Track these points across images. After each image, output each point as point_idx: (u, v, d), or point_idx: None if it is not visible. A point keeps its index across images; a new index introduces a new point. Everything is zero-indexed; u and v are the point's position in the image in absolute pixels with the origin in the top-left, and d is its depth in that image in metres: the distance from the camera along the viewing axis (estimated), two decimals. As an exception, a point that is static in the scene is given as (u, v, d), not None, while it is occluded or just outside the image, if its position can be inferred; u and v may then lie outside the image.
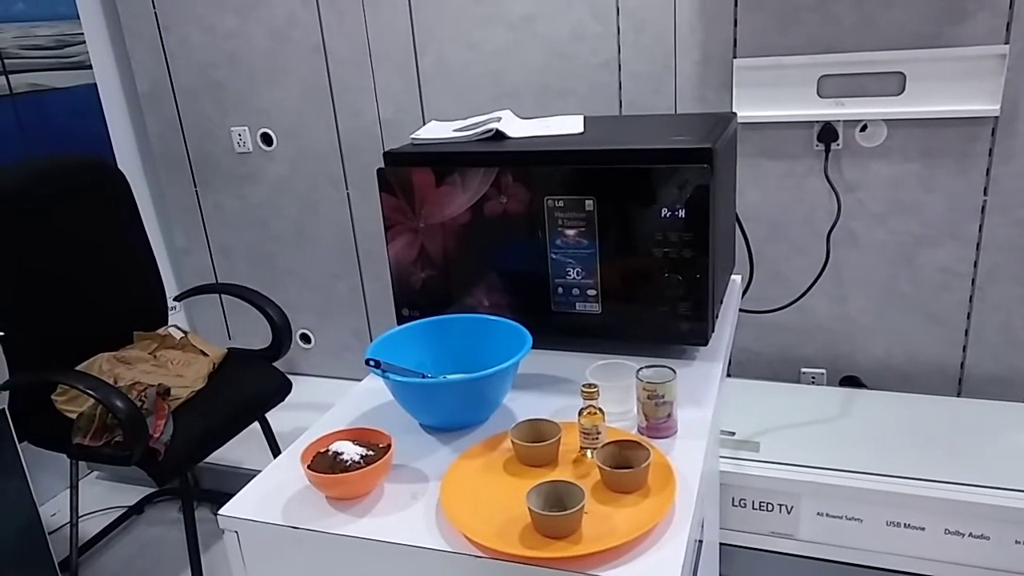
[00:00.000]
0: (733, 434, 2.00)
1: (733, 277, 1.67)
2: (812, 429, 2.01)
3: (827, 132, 2.08)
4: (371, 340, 2.86)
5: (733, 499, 1.91)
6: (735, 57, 2.11)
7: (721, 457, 1.92)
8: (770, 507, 1.89)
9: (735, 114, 1.52)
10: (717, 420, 1.70)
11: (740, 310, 1.71)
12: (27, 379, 1.92)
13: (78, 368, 1.97)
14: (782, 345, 2.35)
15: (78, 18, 2.58)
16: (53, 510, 2.46)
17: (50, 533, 1.96)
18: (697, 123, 1.48)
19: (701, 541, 1.48)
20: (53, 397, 1.93)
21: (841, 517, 1.83)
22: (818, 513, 1.85)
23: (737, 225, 1.68)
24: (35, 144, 2.41)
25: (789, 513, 1.87)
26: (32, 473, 1.90)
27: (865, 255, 2.18)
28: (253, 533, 1.00)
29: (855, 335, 2.27)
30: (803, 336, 2.32)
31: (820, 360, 2.34)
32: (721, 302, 1.44)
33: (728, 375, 2.37)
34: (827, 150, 2.10)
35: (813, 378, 2.35)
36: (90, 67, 2.63)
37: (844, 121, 2.07)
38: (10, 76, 2.34)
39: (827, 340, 2.31)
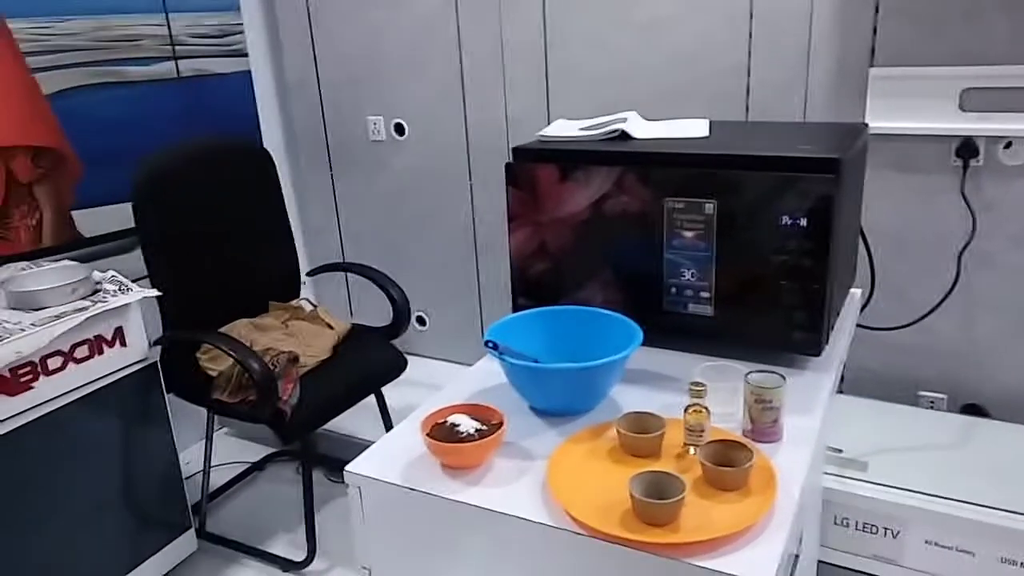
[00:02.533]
0: (840, 451, 1.96)
1: (853, 291, 1.65)
2: (927, 455, 1.94)
3: (967, 147, 1.99)
4: (482, 327, 2.96)
5: (836, 517, 1.87)
6: (872, 66, 2.05)
7: (826, 473, 1.89)
8: (874, 530, 1.84)
9: (866, 125, 1.49)
10: (824, 434, 1.68)
11: (858, 325, 1.68)
12: (177, 337, 2.12)
13: (220, 331, 2.16)
14: (901, 365, 2.26)
15: (239, 9, 2.80)
16: (186, 459, 2.70)
17: (184, 479, 2.16)
18: (826, 132, 1.47)
19: (798, 556, 1.47)
20: (197, 355, 2.13)
21: (952, 548, 1.77)
22: (926, 541, 1.79)
23: (861, 238, 1.65)
24: (196, 124, 2.64)
25: (895, 538, 1.82)
26: (171, 423, 2.10)
27: (999, 278, 2.07)
28: (373, 490, 1.10)
29: (982, 361, 2.16)
30: (924, 358, 2.23)
31: (941, 385, 2.24)
32: (838, 314, 1.43)
33: (840, 391, 2.31)
34: (965, 166, 2.01)
35: (932, 403, 2.26)
36: (246, 55, 2.84)
37: (987, 137, 1.97)
38: (179, 61, 2.58)
39: (950, 364, 2.21)
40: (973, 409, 2.20)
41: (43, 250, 2.23)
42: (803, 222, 1.21)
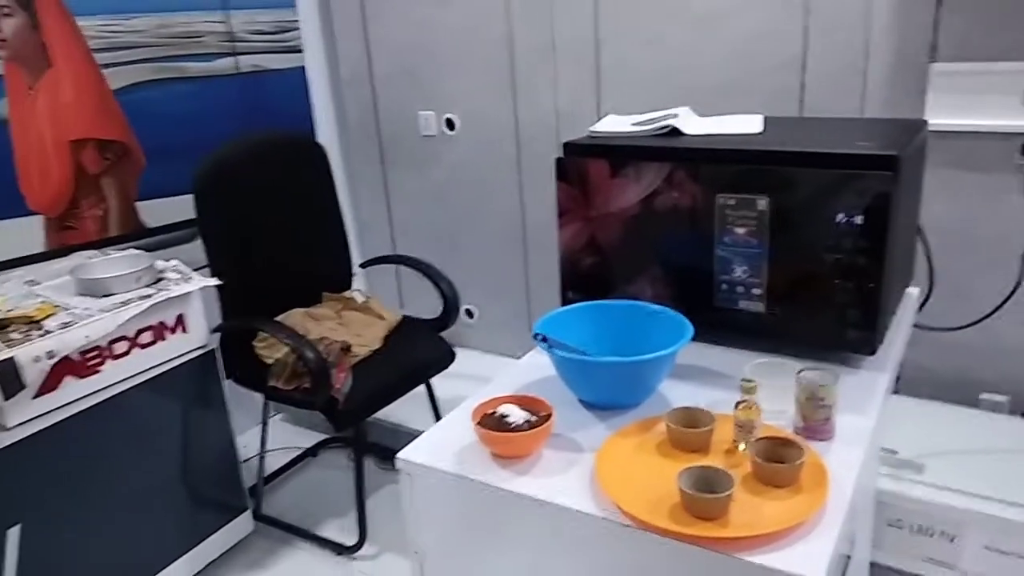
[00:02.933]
0: (896, 453, 1.92)
1: (909, 290, 1.61)
2: (987, 459, 1.89)
3: (1033, 144, 1.93)
4: (530, 321, 2.98)
5: (889, 519, 1.84)
6: (932, 61, 2.00)
7: (880, 475, 1.86)
8: (931, 533, 1.80)
9: (925, 122, 1.46)
10: (878, 434, 1.65)
11: (915, 325, 1.65)
12: (235, 325, 2.19)
13: (276, 319, 2.22)
14: (960, 367, 2.21)
15: (295, 6, 2.86)
16: (243, 443, 2.78)
17: (241, 462, 2.23)
18: (883, 129, 1.45)
19: (849, 556, 1.46)
20: (254, 343, 2.19)
21: (1012, 554, 1.72)
22: (986, 547, 1.75)
23: (919, 236, 1.61)
24: (253, 118, 2.71)
25: (951, 542, 1.78)
26: (228, 408, 2.17)
27: (1066, 279, 2.01)
28: (424, 477, 1.12)
29: (1046, 365, 2.10)
30: (985, 359, 2.17)
31: (1004, 387, 2.18)
32: (893, 314, 1.41)
33: (896, 392, 2.26)
34: (1031, 163, 1.95)
35: (993, 405, 2.20)
36: (301, 51, 2.91)
37: (1054, 133, 1.91)
38: (238, 57, 2.65)
39: (1014, 367, 2.14)
40: (1035, 413, 2.14)
41: (109, 239, 2.32)
42: (859, 220, 1.20)
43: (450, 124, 2.88)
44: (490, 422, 1.11)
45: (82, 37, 2.21)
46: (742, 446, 1.06)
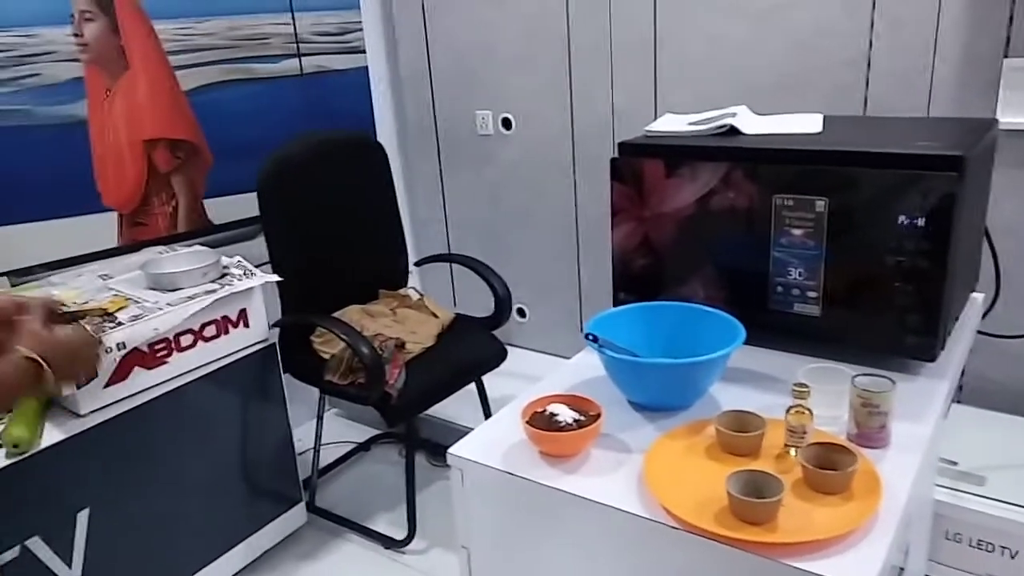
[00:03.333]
0: (956, 464, 1.86)
1: (974, 295, 1.56)
2: (1053, 473, 1.82)
3: (1113, 145, 1.84)
4: (582, 321, 2.98)
5: (947, 532, 1.78)
6: (1006, 56, 1.93)
7: (939, 486, 1.80)
8: (991, 548, 1.74)
9: (995, 120, 1.41)
10: (936, 443, 1.61)
11: (979, 332, 1.60)
12: (294, 320, 2.25)
13: (333, 315, 2.28)
14: (1028, 377, 2.12)
15: (359, 8, 2.92)
16: (298, 436, 2.85)
17: (297, 455, 2.29)
18: (949, 128, 1.41)
19: (902, 568, 1.42)
20: (311, 338, 2.25)
21: (1078, 573, 1.66)
22: (1050, 564, 1.68)
23: (986, 240, 1.56)
24: (316, 118, 2.78)
25: (1013, 558, 1.72)
26: (287, 401, 2.23)
27: None
28: (474, 473, 1.14)
29: (1124, 376, 2.00)
30: (1056, 370, 2.09)
31: (1074, 399, 2.09)
32: (956, 319, 1.37)
33: (958, 401, 2.19)
34: (1111, 165, 1.86)
35: (1063, 418, 2.11)
36: (364, 52, 2.96)
37: None
38: (303, 59, 2.72)
39: (1087, 378, 2.06)
40: (1110, 427, 2.04)
41: (178, 235, 2.41)
42: (921, 222, 1.17)
43: (507, 124, 2.90)
44: (539, 421, 1.12)
45: (158, 40, 2.30)
46: (793, 451, 1.05)
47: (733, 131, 1.44)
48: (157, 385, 1.86)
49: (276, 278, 2.12)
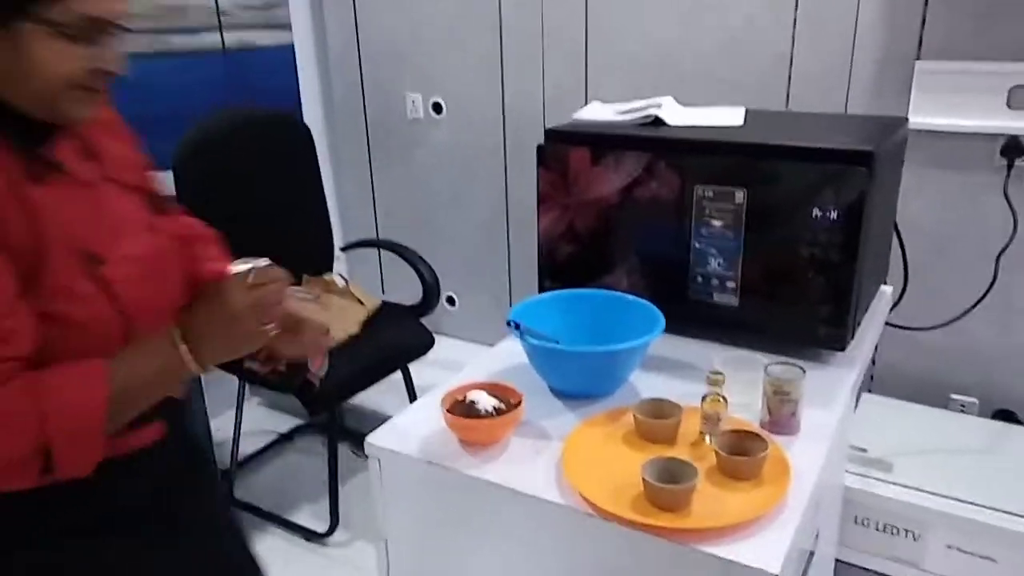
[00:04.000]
0: (865, 451, 1.94)
1: (883, 288, 1.62)
2: (954, 459, 1.91)
3: (1013, 147, 1.94)
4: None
5: (856, 517, 1.86)
6: (918, 59, 2.00)
7: (849, 472, 1.87)
8: (895, 531, 1.82)
9: (906, 120, 1.47)
10: (845, 430, 1.66)
11: (887, 323, 1.66)
12: (211, 305, 2.17)
13: (253, 301, 2.20)
14: (932, 367, 2.23)
15: (284, -17, 2.83)
16: (217, 427, 2.77)
17: (215, 446, 2.22)
18: (862, 125, 1.45)
19: (813, 552, 1.46)
20: (231, 323, 2.17)
21: (973, 554, 1.74)
22: (948, 546, 1.77)
23: (895, 234, 1.62)
24: (239, 96, 2.68)
25: (916, 541, 1.80)
26: (204, 390, 2.16)
27: (1041, 282, 2.03)
28: (393, 462, 1.12)
29: (1018, 367, 2.12)
30: (957, 361, 2.19)
31: (973, 389, 2.20)
32: (866, 311, 1.41)
33: (869, 391, 2.28)
34: (1010, 166, 1.96)
35: (963, 406, 2.22)
36: (290, 28, 2.87)
37: (1035, 136, 1.92)
38: (224, 33, 2.62)
39: (984, 368, 2.17)
40: (1005, 415, 2.16)
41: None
42: (834, 215, 1.20)
43: (437, 108, 2.86)
44: (459, 408, 1.11)
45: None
46: (708, 439, 1.06)
47: (658, 121, 1.45)
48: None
49: (192, 261, 2.03)
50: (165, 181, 2.10)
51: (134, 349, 0.93)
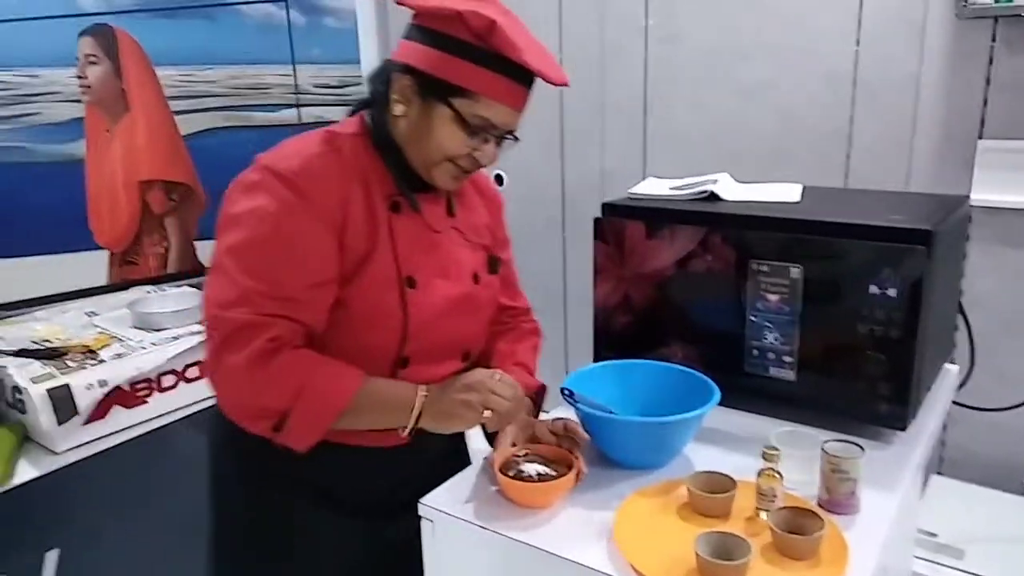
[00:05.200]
0: (935, 536, 1.86)
1: (949, 366, 1.59)
2: (1030, 548, 1.82)
3: (1084, 225, 1.90)
4: (567, 377, 2.98)
5: (926, 605, 1.77)
6: (981, 138, 2.00)
7: (918, 558, 1.80)
8: (968, 621, 1.73)
9: (967, 197, 1.46)
10: (910, 513, 1.61)
11: (955, 403, 1.62)
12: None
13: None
14: (1006, 450, 2.13)
15: (359, 63, 2.99)
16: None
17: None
18: (922, 203, 1.45)
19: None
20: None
21: (1055, 652, 1.64)
22: (1027, 641, 1.67)
23: (960, 313, 1.59)
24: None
25: (991, 634, 1.71)
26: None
27: (1121, 365, 1.94)
28: (446, 524, 1.14)
29: (1100, 453, 2.02)
30: (1032, 444, 2.10)
31: (1051, 474, 2.10)
32: (928, 389, 1.39)
33: (939, 473, 2.20)
34: (1082, 244, 1.91)
35: (1041, 492, 2.11)
36: (362, 106, 3.03)
37: (1107, 215, 1.88)
38: (301, 109, 2.78)
39: (1064, 453, 2.07)
40: (1087, 503, 2.05)
41: (168, 276, 2.43)
42: (892, 292, 1.20)
43: (499, 180, 2.95)
44: (513, 472, 1.12)
45: (160, 85, 2.36)
46: (763, 515, 1.05)
47: (713, 197, 1.48)
48: (136, 425, 1.84)
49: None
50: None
51: (389, 379, 1.13)
